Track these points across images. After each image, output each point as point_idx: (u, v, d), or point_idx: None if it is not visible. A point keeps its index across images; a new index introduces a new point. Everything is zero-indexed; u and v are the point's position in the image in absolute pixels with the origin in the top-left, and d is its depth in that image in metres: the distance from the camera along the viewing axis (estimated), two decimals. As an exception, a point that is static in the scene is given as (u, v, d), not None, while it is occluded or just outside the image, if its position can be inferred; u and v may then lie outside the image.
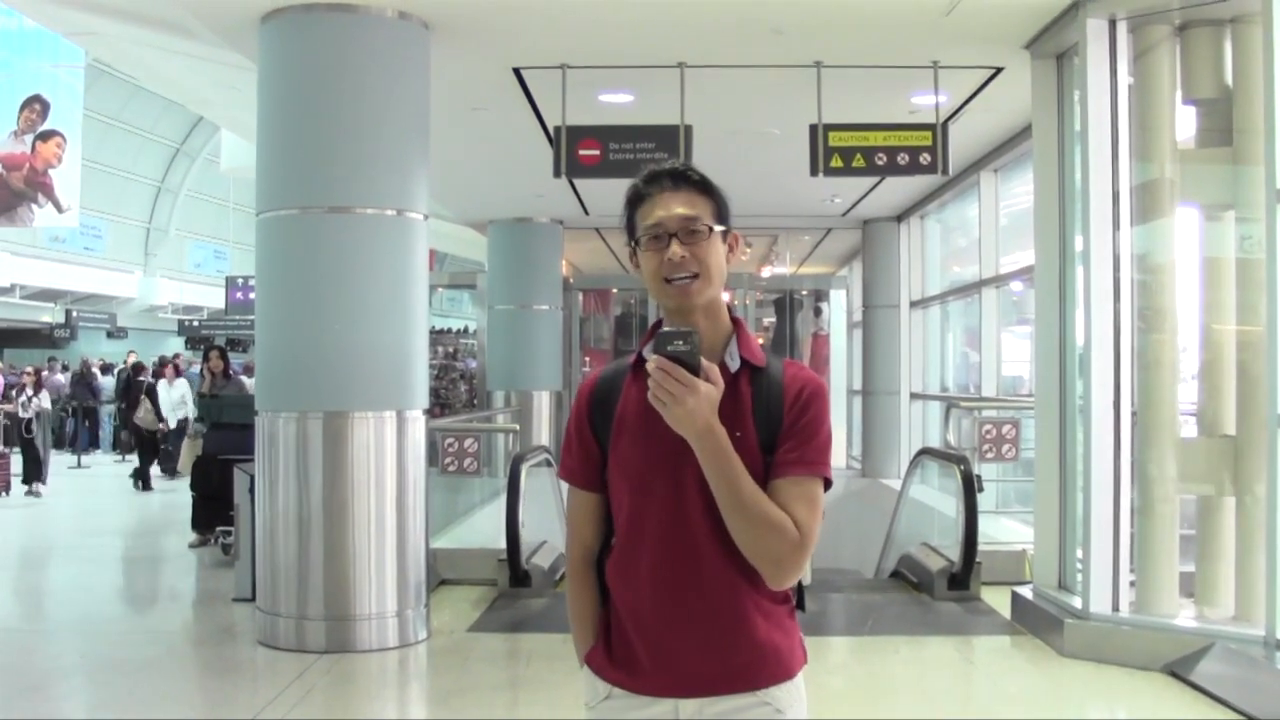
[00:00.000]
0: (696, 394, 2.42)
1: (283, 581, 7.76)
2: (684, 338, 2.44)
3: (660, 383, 2.42)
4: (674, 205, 2.62)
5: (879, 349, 17.82)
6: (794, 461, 2.56)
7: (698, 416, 2.43)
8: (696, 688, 2.60)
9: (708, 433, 2.46)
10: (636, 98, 10.15)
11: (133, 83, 28.06)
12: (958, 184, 14.28)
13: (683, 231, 2.60)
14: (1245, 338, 7.23)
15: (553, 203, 16.10)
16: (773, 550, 2.51)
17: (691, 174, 2.67)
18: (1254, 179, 6.88)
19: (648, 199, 2.66)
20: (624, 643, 2.67)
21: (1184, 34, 7.48)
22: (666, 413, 2.44)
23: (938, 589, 9.32)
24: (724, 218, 2.67)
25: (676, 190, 2.64)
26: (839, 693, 7.18)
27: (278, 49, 7.95)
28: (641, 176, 2.71)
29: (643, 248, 2.65)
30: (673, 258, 2.59)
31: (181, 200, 41.68)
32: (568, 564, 2.84)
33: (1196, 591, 7.50)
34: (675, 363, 2.42)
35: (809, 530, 2.53)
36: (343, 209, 7.78)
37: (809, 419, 2.59)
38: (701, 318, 2.64)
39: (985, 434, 10.78)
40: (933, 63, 9.01)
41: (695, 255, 2.60)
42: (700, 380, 2.43)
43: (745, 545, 2.52)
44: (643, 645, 2.63)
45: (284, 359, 7.90)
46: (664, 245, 2.61)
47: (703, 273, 2.60)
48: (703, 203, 2.64)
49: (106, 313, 38.84)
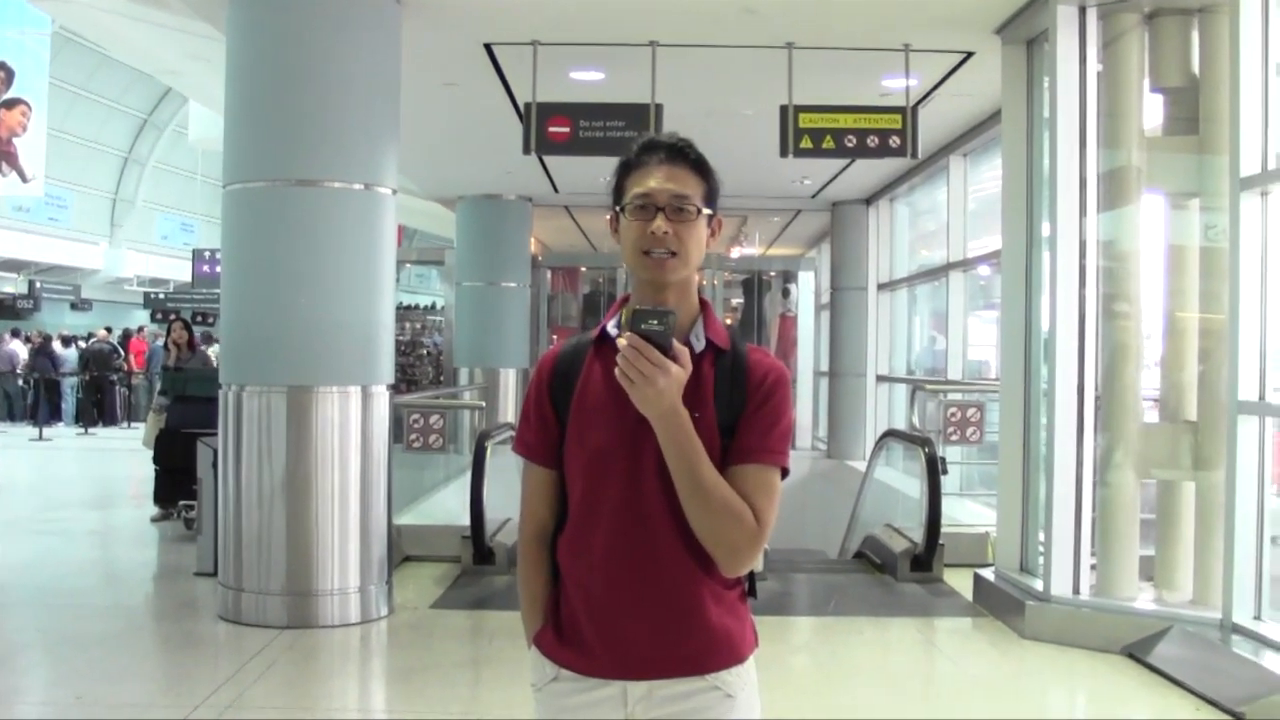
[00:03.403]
0: (667, 375, 2.39)
1: (245, 556, 7.73)
2: (659, 317, 2.40)
3: (632, 361, 2.39)
4: (667, 179, 2.58)
5: (846, 331, 17.84)
6: (754, 449, 2.54)
7: (665, 397, 2.41)
8: (646, 670, 2.57)
9: (672, 414, 2.44)
10: (607, 75, 10.13)
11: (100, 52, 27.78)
12: (927, 168, 14.31)
13: (670, 208, 2.56)
14: (1208, 325, 7.29)
15: (522, 180, 16.07)
16: (729, 537, 2.49)
17: (689, 151, 2.62)
18: (1219, 168, 6.93)
19: (640, 167, 2.62)
20: (574, 623, 2.63)
21: (1153, 22, 7.52)
22: (633, 391, 2.41)
23: (901, 570, 9.36)
24: (712, 201, 2.64)
25: (672, 164, 2.60)
26: (801, 672, 7.22)
27: (247, 20, 7.89)
28: (639, 143, 2.66)
29: (627, 215, 2.60)
30: (656, 231, 2.55)
31: (149, 172, 41.31)
32: (520, 541, 2.78)
33: (1156, 575, 7.57)
34: (647, 342, 2.39)
35: (766, 519, 2.51)
36: (310, 182, 7.74)
37: (772, 406, 2.57)
38: (673, 295, 2.60)
39: (950, 417, 10.83)
40: (904, 46, 9.03)
41: (678, 234, 2.56)
42: (670, 362, 2.41)
43: (702, 531, 2.49)
44: (593, 627, 2.59)
45: (249, 332, 7.86)
46: (649, 217, 2.57)
47: (681, 252, 2.57)
48: (695, 183, 2.60)
49: (71, 284, 38.48)
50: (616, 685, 2.59)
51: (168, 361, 13.12)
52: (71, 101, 34.85)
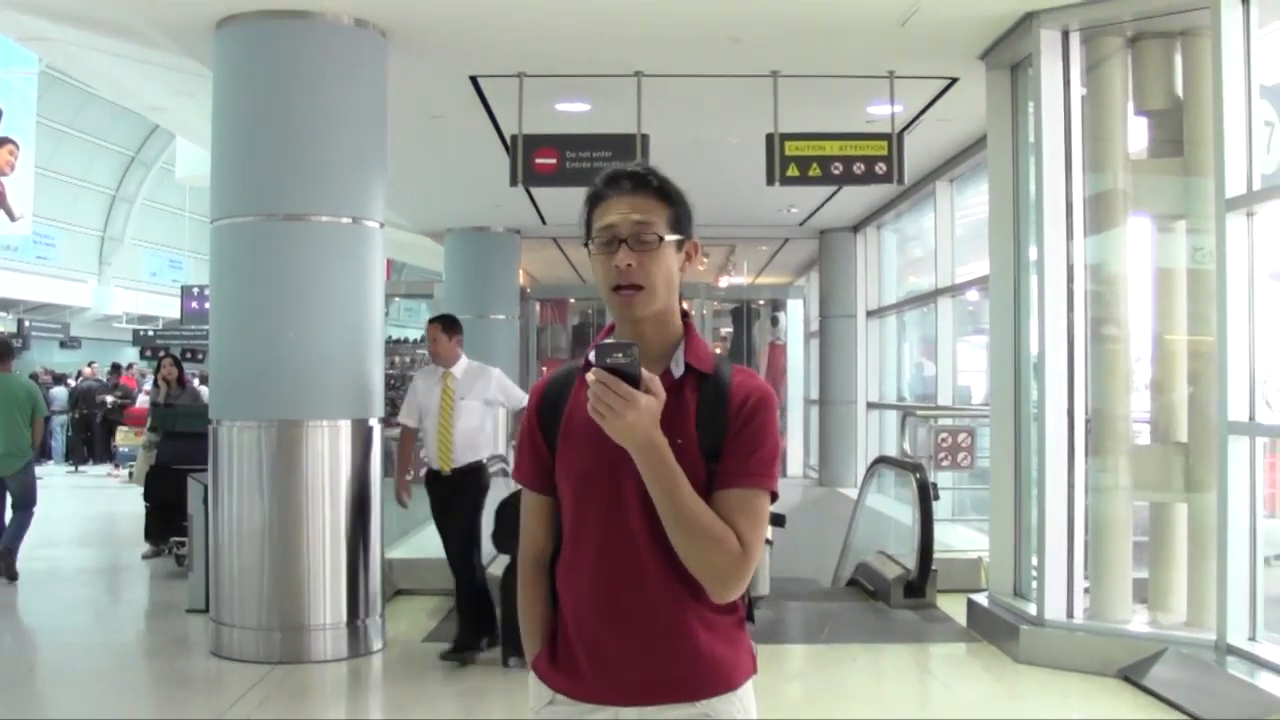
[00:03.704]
0: (636, 407, 2.36)
1: (237, 592, 7.69)
2: (623, 350, 2.37)
3: (600, 395, 2.36)
4: (629, 210, 2.55)
5: (836, 359, 17.84)
6: (737, 473, 2.51)
7: (638, 429, 2.38)
8: (636, 697, 2.55)
9: (648, 445, 2.41)
10: (593, 107, 10.15)
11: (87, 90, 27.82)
12: (914, 194, 14.34)
13: (633, 238, 2.54)
14: (1197, 347, 7.30)
15: (510, 212, 16.07)
16: (713, 563, 2.47)
17: (651, 178, 2.60)
18: (1204, 190, 6.96)
19: (604, 200, 2.60)
20: (567, 648, 2.62)
21: (1135, 46, 7.55)
22: (605, 425, 2.39)
23: (894, 597, 9.35)
24: (682, 226, 2.61)
25: (635, 194, 2.57)
26: (796, 701, 7.20)
27: (233, 55, 7.90)
28: (602, 176, 2.64)
29: (594, 250, 2.59)
30: (619, 264, 2.53)
31: (137, 209, 41.31)
32: (519, 566, 2.78)
33: (1149, 597, 7.56)
34: (615, 375, 2.37)
35: (751, 543, 2.49)
36: (298, 217, 7.75)
37: (753, 429, 2.54)
38: (649, 328, 2.58)
39: (941, 442, 10.84)
40: (889, 73, 9.05)
41: (642, 265, 2.53)
42: (640, 393, 2.37)
43: (687, 558, 2.47)
44: (584, 651, 2.58)
45: (238, 367, 7.85)
46: (614, 250, 2.54)
47: (647, 285, 2.53)
48: (658, 209, 2.57)
49: (60, 322, 38.48)
50: (608, 710, 2.58)
51: (157, 398, 13.09)
52: (59, 140, 34.86)
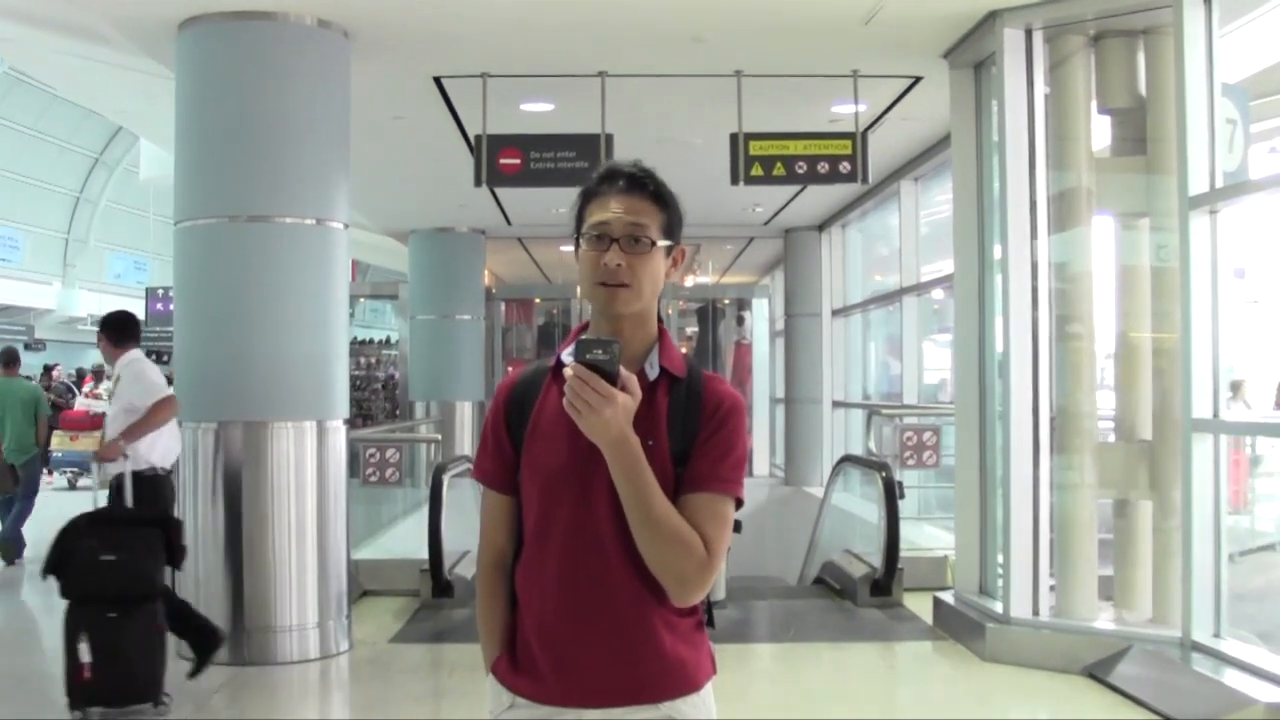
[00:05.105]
0: (613, 404, 2.38)
1: (202, 592, 7.63)
2: (604, 346, 2.39)
3: (578, 391, 2.37)
4: (624, 210, 2.56)
5: (801, 357, 17.86)
6: (707, 476, 2.52)
7: (612, 426, 2.39)
8: (598, 699, 2.55)
9: (622, 443, 2.42)
10: (557, 106, 10.13)
11: (50, 92, 27.67)
12: (878, 193, 14.36)
13: (625, 239, 2.54)
14: (1161, 345, 7.33)
15: (475, 212, 16.05)
16: (678, 566, 2.47)
17: (649, 182, 2.60)
18: (1167, 188, 6.99)
19: (599, 196, 2.60)
20: (528, 650, 2.61)
21: (1098, 44, 7.58)
22: (581, 420, 2.39)
23: (860, 595, 9.36)
24: (673, 232, 2.62)
25: (631, 195, 2.57)
26: (761, 700, 7.20)
27: (195, 57, 7.85)
28: (599, 171, 2.64)
29: (584, 244, 2.59)
30: (609, 263, 2.53)
31: (101, 211, 41.11)
32: (478, 568, 2.76)
33: (1115, 595, 7.59)
34: (594, 371, 2.38)
35: (716, 549, 2.49)
36: (261, 218, 7.71)
37: (724, 435, 2.55)
38: (628, 325, 2.58)
39: (906, 441, 10.85)
40: (852, 72, 9.06)
41: (632, 266, 2.54)
42: (617, 390, 2.39)
43: (651, 559, 2.47)
44: (546, 654, 2.57)
45: (203, 369, 7.80)
46: (605, 247, 2.55)
47: (634, 285, 2.55)
48: (653, 213, 2.58)
49: (24, 324, 38.23)
50: (571, 713, 2.57)
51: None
52: (21, 141, 34.65)
